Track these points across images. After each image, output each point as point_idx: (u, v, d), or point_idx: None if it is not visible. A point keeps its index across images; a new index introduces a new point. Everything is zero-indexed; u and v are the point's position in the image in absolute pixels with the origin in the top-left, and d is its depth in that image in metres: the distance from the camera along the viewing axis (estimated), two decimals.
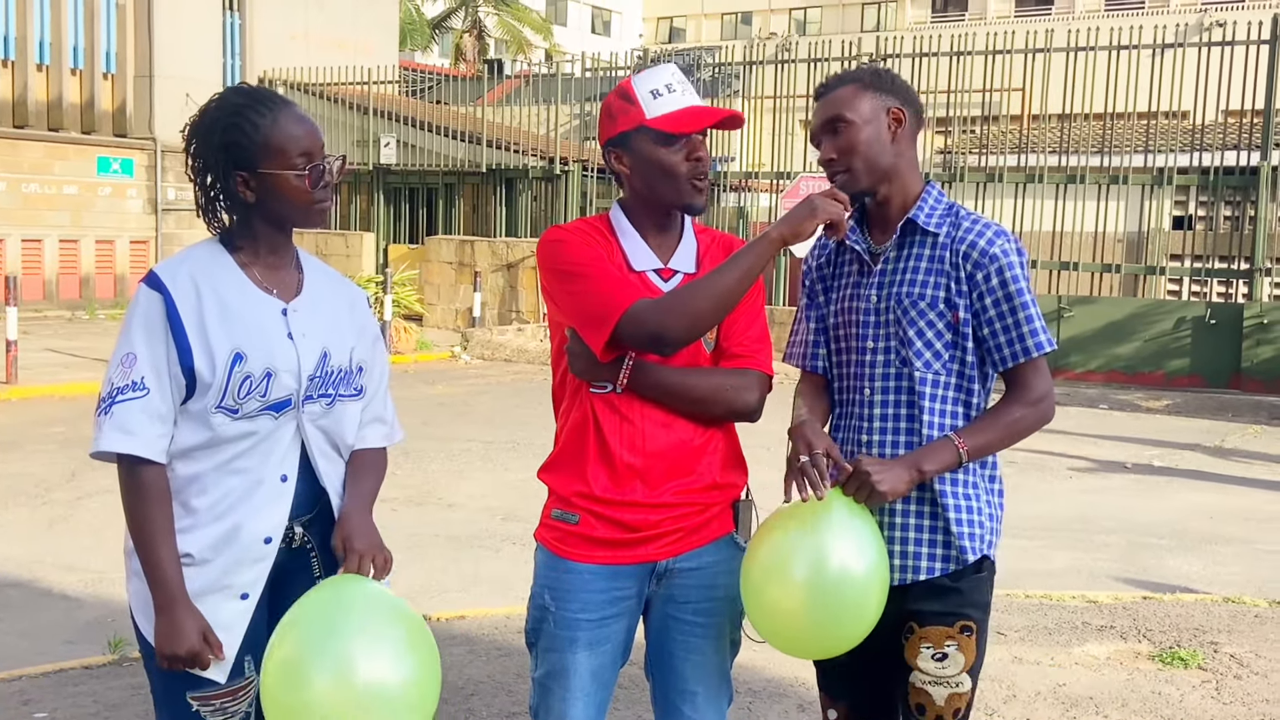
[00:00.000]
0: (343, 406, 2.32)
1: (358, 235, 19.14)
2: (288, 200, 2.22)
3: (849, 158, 2.38)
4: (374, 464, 2.40)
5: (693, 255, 2.48)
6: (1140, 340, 13.82)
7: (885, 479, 2.27)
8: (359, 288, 2.50)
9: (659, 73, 2.42)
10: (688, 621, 2.48)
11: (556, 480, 2.47)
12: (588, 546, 2.42)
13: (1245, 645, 4.79)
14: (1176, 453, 9.65)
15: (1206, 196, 14.52)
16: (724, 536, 2.49)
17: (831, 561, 2.25)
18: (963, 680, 2.36)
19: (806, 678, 4.28)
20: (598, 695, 2.47)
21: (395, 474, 8.04)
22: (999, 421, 2.37)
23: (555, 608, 2.44)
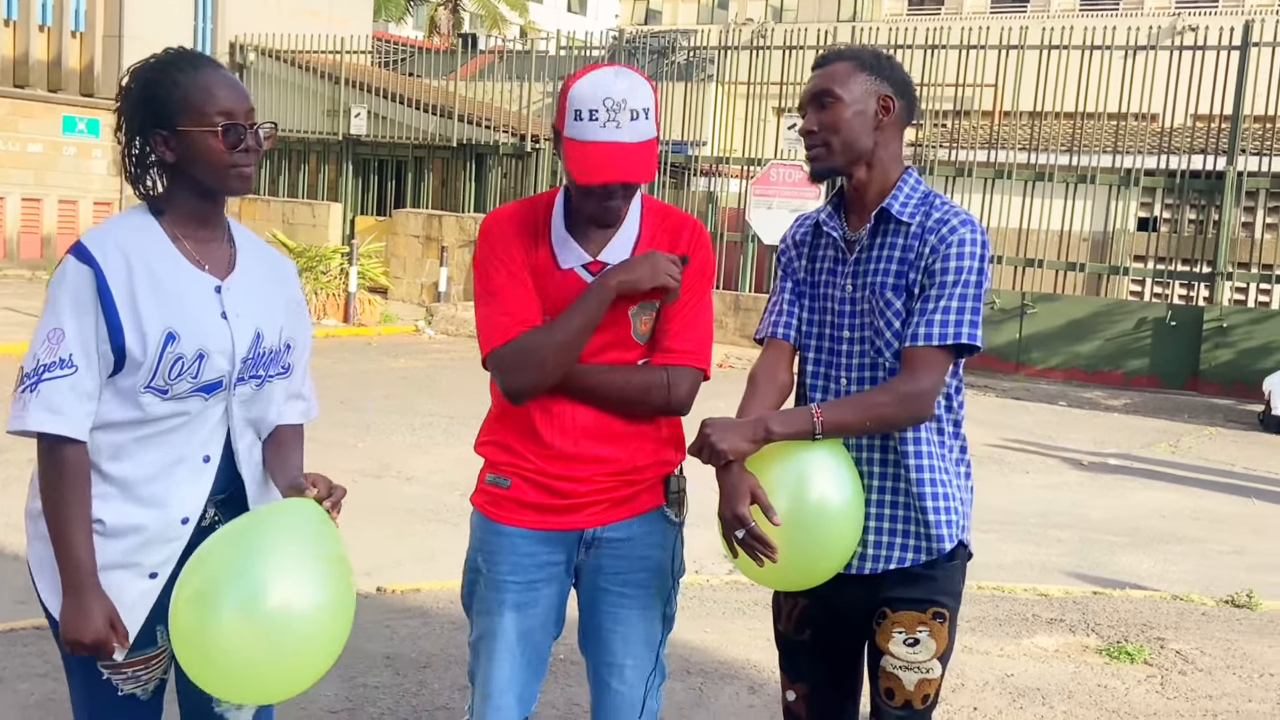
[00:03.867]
0: (270, 387, 2.28)
1: (325, 205, 18.97)
2: (205, 162, 2.12)
3: (829, 134, 2.35)
4: (296, 439, 2.36)
5: (630, 244, 2.42)
6: (1101, 339, 13.96)
7: (726, 438, 2.22)
8: (289, 260, 2.43)
9: (589, 92, 2.25)
10: (616, 593, 2.50)
11: (489, 450, 2.50)
12: (518, 510, 2.45)
13: (1191, 642, 4.87)
14: (1132, 452, 9.76)
15: (1172, 199, 14.67)
16: (654, 509, 2.50)
17: (812, 486, 2.26)
18: (933, 666, 2.37)
19: (759, 660, 4.31)
20: (526, 657, 2.48)
21: (355, 447, 8.03)
22: (864, 402, 2.31)
23: (486, 569, 2.48)
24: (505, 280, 2.39)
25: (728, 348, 14.19)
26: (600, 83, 2.26)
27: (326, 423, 8.56)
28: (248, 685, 2.03)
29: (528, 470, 2.43)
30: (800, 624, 2.51)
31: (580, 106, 2.26)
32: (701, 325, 2.46)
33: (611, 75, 2.28)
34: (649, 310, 2.43)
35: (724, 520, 2.23)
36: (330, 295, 15.17)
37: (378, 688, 4.00)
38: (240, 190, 2.19)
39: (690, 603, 5.05)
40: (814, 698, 2.54)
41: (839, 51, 2.43)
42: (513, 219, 2.44)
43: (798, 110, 2.45)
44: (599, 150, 2.25)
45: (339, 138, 19.35)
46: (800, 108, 2.42)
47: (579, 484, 2.42)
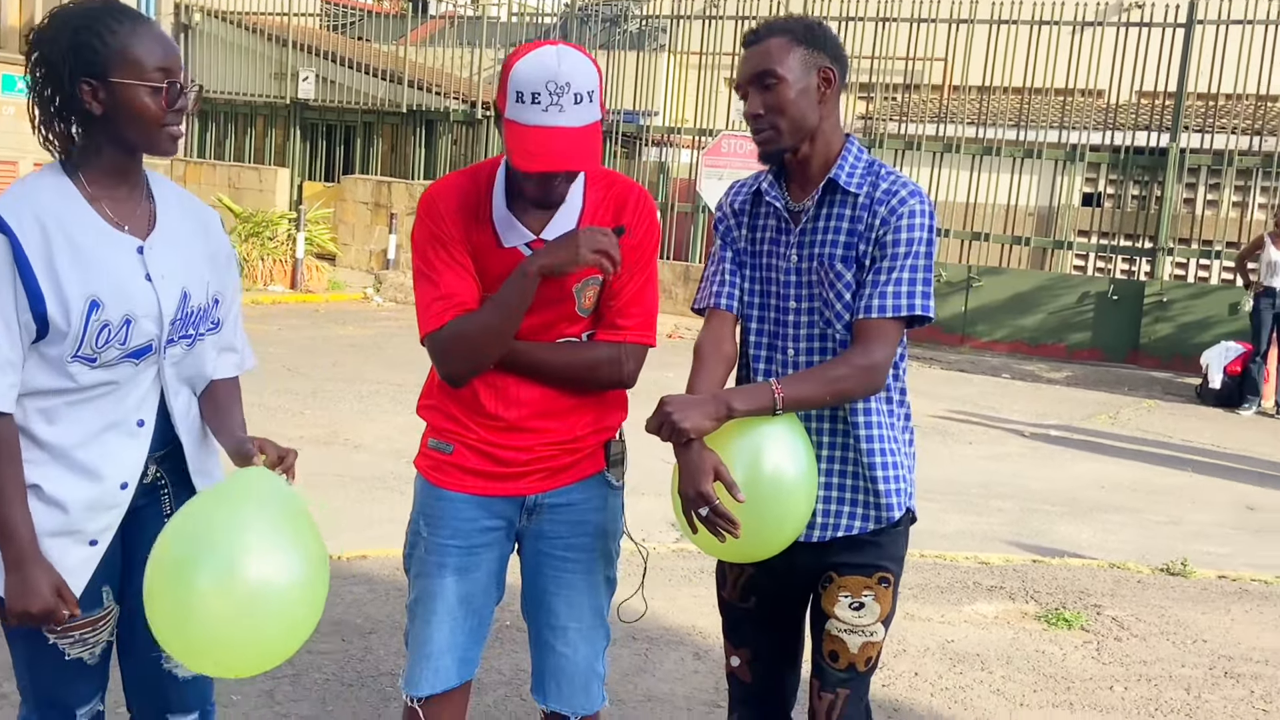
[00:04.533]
0: (202, 345, 2.23)
1: (272, 170, 18.69)
2: (138, 118, 2.05)
3: (776, 116, 2.32)
4: (233, 394, 2.33)
5: (574, 219, 2.38)
6: (1045, 313, 14.14)
7: (688, 416, 2.21)
8: (212, 210, 2.36)
9: (532, 74, 2.18)
10: (558, 557, 2.51)
11: (432, 415, 2.50)
12: (460, 475, 2.45)
13: (1127, 609, 4.98)
14: (1073, 423, 9.93)
15: (1116, 175, 14.86)
16: (595, 475, 2.51)
17: (769, 466, 2.27)
18: (877, 630, 2.41)
19: (703, 627, 4.36)
20: (467, 621, 2.49)
21: (302, 414, 7.98)
22: (822, 376, 2.31)
23: (427, 533, 2.48)
24: (443, 261, 2.36)
25: (677, 318, 14.21)
26: (542, 64, 2.18)
27: (273, 389, 8.52)
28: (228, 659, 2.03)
29: (471, 439, 2.44)
30: (745, 591, 2.54)
31: (522, 89, 2.19)
32: (648, 299, 2.45)
33: (554, 56, 2.18)
34: (593, 284, 2.41)
35: (686, 498, 2.23)
36: (277, 261, 14.99)
37: (323, 654, 4.00)
38: (170, 151, 2.12)
39: (636, 570, 5.06)
40: (757, 663, 2.57)
41: (770, 26, 2.38)
42: (453, 194, 2.40)
43: (736, 91, 2.41)
44: (541, 135, 2.19)
45: (286, 101, 19.06)
46: (738, 88, 2.37)
47: (521, 453, 2.43)
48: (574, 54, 2.22)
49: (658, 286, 2.49)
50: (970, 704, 3.94)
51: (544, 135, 2.19)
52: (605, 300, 2.42)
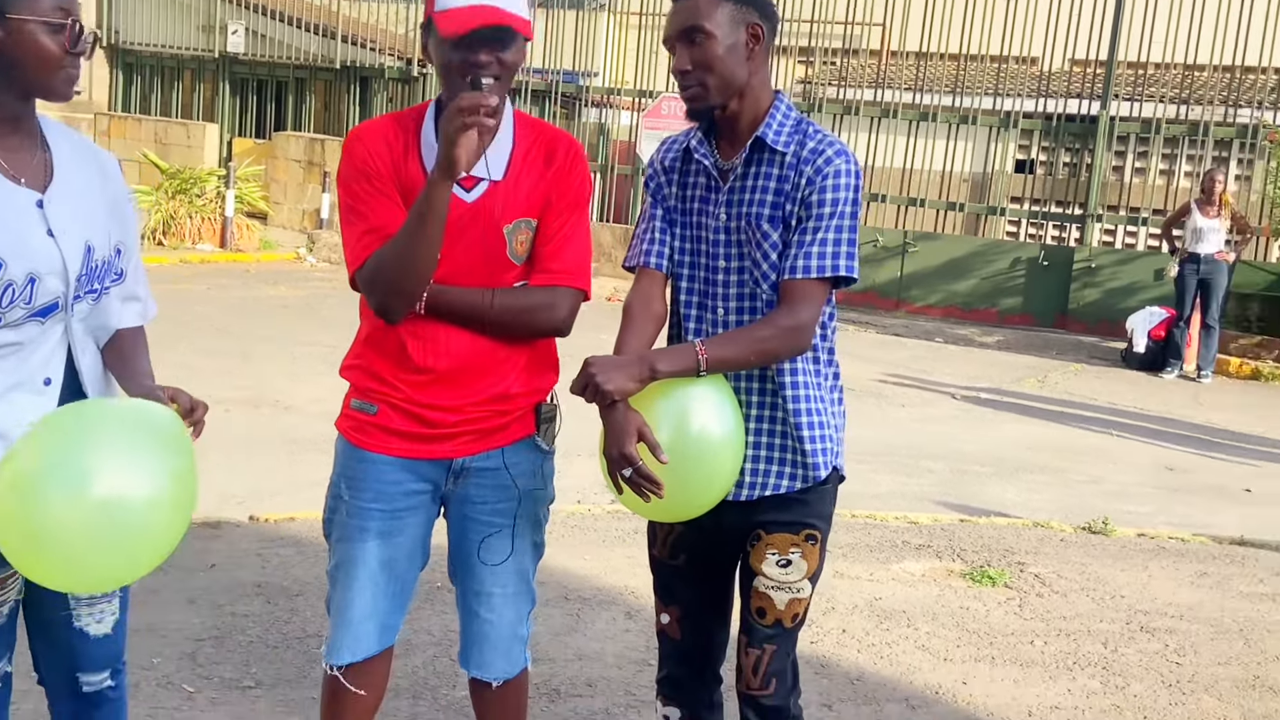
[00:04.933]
0: (108, 297, 2.17)
1: (200, 126, 18.29)
2: (35, 58, 1.98)
3: (704, 72, 2.29)
4: (139, 343, 2.27)
5: (505, 157, 2.34)
6: (978, 278, 14.32)
7: (612, 378, 2.20)
8: (109, 154, 2.27)
9: None
10: (484, 522, 2.46)
11: (356, 375, 2.44)
12: (384, 437, 2.40)
13: (1049, 566, 5.08)
14: (1002, 387, 10.08)
15: (1048, 142, 15.05)
16: (525, 439, 2.46)
17: (695, 420, 2.27)
18: (804, 586, 2.43)
19: (635, 586, 4.38)
20: (389, 587, 2.45)
21: (231, 375, 7.86)
22: (747, 337, 2.30)
23: (349, 497, 2.43)
24: (369, 195, 2.31)
25: (616, 281, 14.17)
26: None
27: (200, 350, 8.38)
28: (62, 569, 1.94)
29: (396, 398, 2.37)
30: (675, 549, 2.55)
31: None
32: (579, 244, 2.41)
33: None
34: (525, 227, 2.36)
35: (610, 459, 2.22)
36: (205, 219, 14.71)
37: (247, 615, 3.96)
38: (66, 95, 2.04)
39: (571, 531, 5.09)
40: (687, 620, 2.58)
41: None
42: (378, 133, 2.35)
43: (664, 45, 2.38)
44: (468, 8, 2.17)
45: (215, 55, 18.65)
46: (667, 43, 2.35)
47: (449, 413, 2.37)
48: None
49: (590, 237, 2.45)
50: (895, 659, 4.00)
51: (470, 8, 2.17)
52: (538, 246, 2.38)
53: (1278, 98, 14.06)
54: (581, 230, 2.42)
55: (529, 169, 2.36)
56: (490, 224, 2.32)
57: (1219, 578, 5.12)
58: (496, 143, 2.32)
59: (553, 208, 2.37)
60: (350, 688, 2.47)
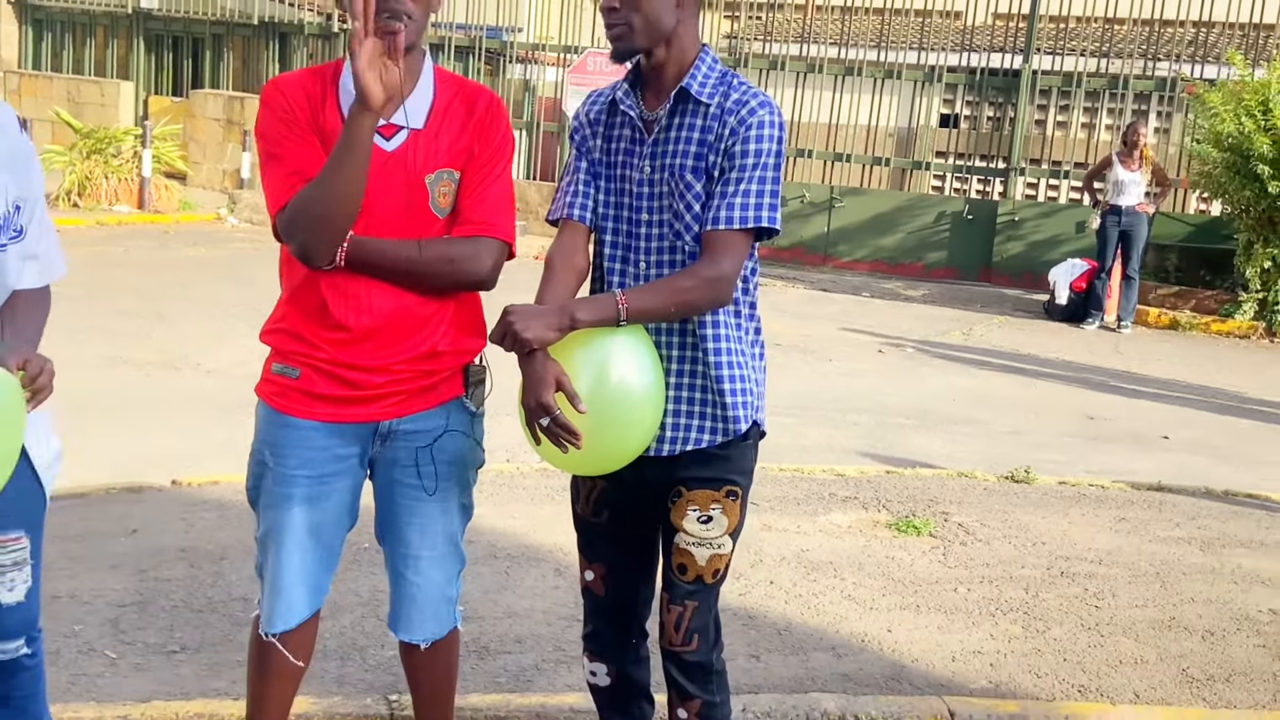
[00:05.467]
0: (4, 255, 2.10)
1: (114, 84, 17.78)
2: None
3: (630, 13, 2.27)
4: (34, 304, 2.19)
5: (425, 107, 2.32)
6: (904, 232, 14.45)
7: (530, 326, 2.19)
8: (5, 105, 2.18)
9: None
10: (411, 485, 2.44)
11: (277, 338, 2.40)
12: (308, 402, 2.36)
13: (973, 515, 5.17)
14: (928, 339, 10.21)
15: (972, 96, 15.17)
16: (453, 400, 2.45)
17: (614, 370, 2.26)
18: (724, 542, 2.43)
19: (564, 543, 4.38)
20: (317, 551, 2.43)
21: (149, 337, 7.70)
22: (668, 287, 2.29)
23: (274, 464, 2.39)
24: (287, 138, 2.27)
25: (544, 240, 14.09)
26: None
27: (116, 311, 8.20)
28: None
29: (319, 360, 2.33)
30: (598, 506, 2.54)
31: None
32: (502, 196, 2.38)
33: None
34: (448, 178, 2.33)
35: (528, 409, 2.21)
36: (122, 180, 14.32)
37: (170, 580, 3.90)
38: None
39: (500, 490, 5.07)
40: (611, 577, 2.58)
41: None
42: (296, 83, 2.32)
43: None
44: None
45: (128, 11, 18.11)
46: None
47: (374, 375, 2.34)
48: None
49: (513, 191, 2.43)
50: (822, 610, 4.05)
51: None
52: (461, 199, 2.35)
53: (1195, 51, 14.30)
54: (504, 183, 2.40)
55: (450, 120, 2.33)
56: (412, 173, 2.29)
57: (1137, 523, 5.25)
58: (416, 92, 2.30)
59: (475, 159, 2.34)
60: (287, 655, 2.45)
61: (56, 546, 3.20)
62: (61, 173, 13.90)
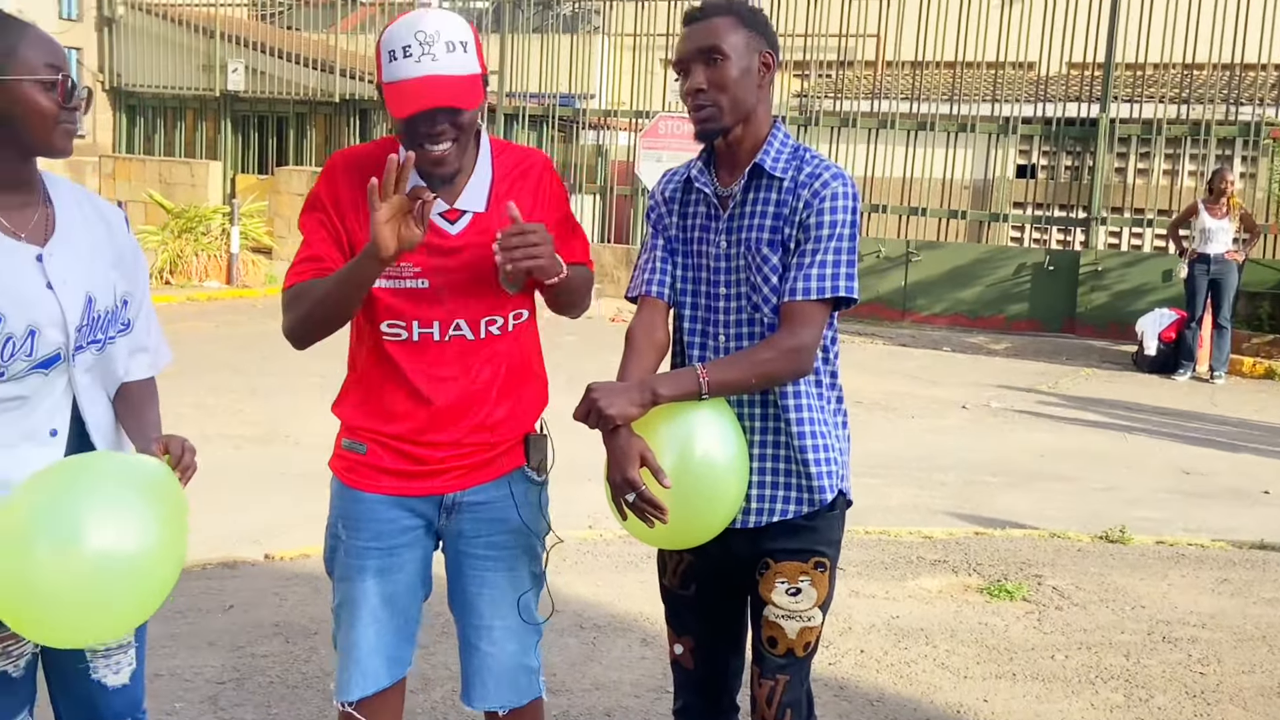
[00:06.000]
0: (113, 347, 2.20)
1: (203, 164, 18.40)
2: (31, 115, 2.02)
3: (719, 93, 2.32)
4: (148, 395, 2.30)
5: (484, 190, 2.38)
6: (983, 285, 14.30)
7: (614, 403, 2.21)
8: (115, 207, 2.30)
9: (400, 31, 2.21)
10: (479, 555, 2.48)
11: (346, 413, 2.48)
12: (375, 475, 2.43)
13: (1067, 578, 5.05)
14: (1013, 394, 10.05)
15: (1049, 146, 15.04)
16: (514, 470, 2.49)
17: (698, 445, 2.27)
18: (814, 615, 2.41)
19: (650, 613, 4.36)
20: (393, 622, 2.47)
21: (241, 411, 7.87)
22: (749, 359, 2.31)
23: (346, 537, 2.45)
24: (318, 225, 2.36)
25: (620, 302, 14.19)
26: (410, 20, 2.22)
27: (210, 388, 8.39)
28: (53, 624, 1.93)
29: (385, 436, 2.41)
30: (685, 579, 2.54)
31: (393, 46, 2.21)
32: (580, 231, 2.57)
33: (422, 11, 2.25)
34: None
35: (613, 484, 2.23)
36: (212, 257, 14.76)
37: (266, 656, 3.95)
38: (66, 150, 2.07)
39: (584, 558, 5.08)
40: (700, 650, 2.57)
41: (714, 4, 2.38)
42: (357, 162, 2.37)
43: (674, 66, 2.40)
44: (414, 83, 2.19)
45: (216, 94, 18.76)
46: (680, 63, 2.37)
47: (437, 450, 2.40)
48: (444, 11, 2.27)
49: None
50: (915, 679, 3.98)
51: (418, 83, 2.19)
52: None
53: (1279, 94, 14.04)
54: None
55: (512, 196, 2.39)
56: (477, 255, 2.35)
57: (1240, 584, 5.09)
58: (476, 175, 2.37)
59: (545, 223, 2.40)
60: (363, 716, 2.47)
61: (157, 624, 3.26)
62: (154, 252, 14.35)
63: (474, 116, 2.29)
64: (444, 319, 2.36)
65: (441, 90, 2.20)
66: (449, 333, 2.37)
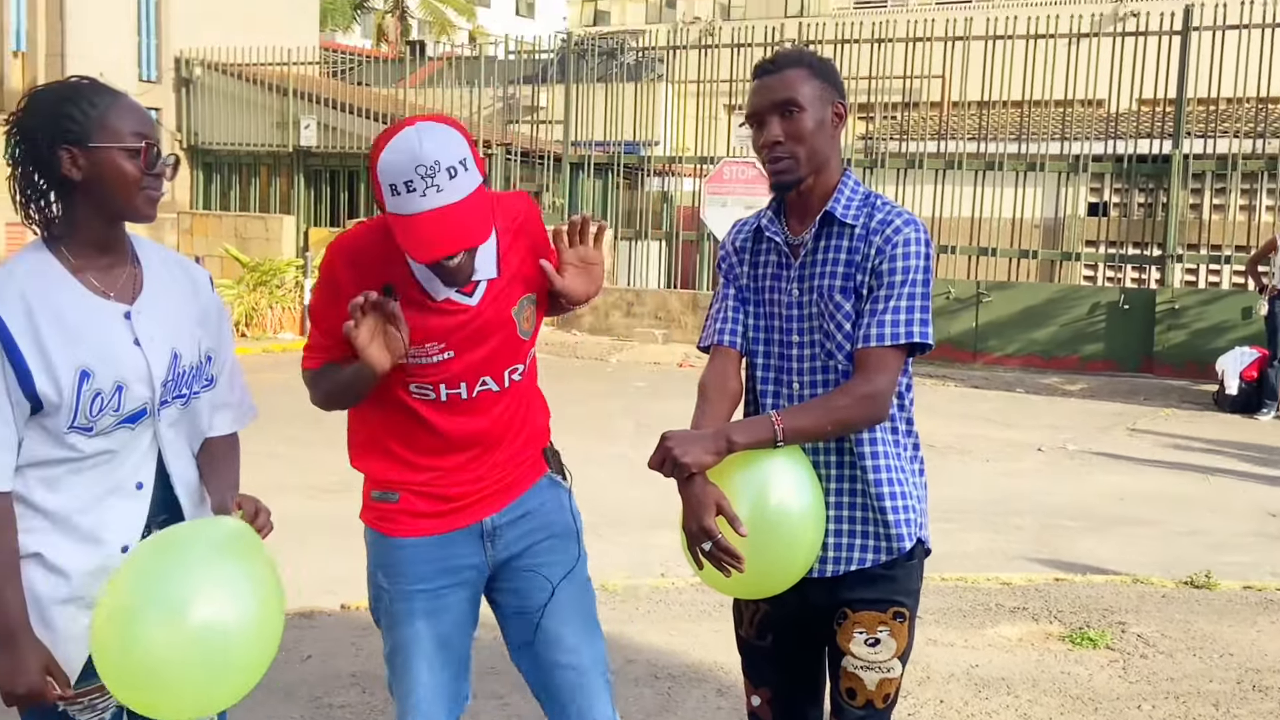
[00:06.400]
0: (197, 402, 2.26)
1: (278, 219, 18.80)
2: (116, 181, 2.08)
3: (796, 144, 2.34)
4: (229, 450, 2.35)
5: (493, 256, 2.44)
6: (1056, 325, 14.09)
7: (689, 451, 2.22)
8: (200, 267, 2.39)
9: (399, 164, 2.19)
10: (532, 566, 2.55)
11: (370, 466, 2.53)
12: (411, 520, 2.48)
13: (1152, 625, 4.93)
14: (1089, 436, 9.87)
15: (1121, 184, 14.84)
16: (542, 479, 2.58)
17: (774, 494, 2.27)
18: (894, 665, 2.39)
19: (725, 663, 4.32)
20: (447, 663, 2.50)
21: (316, 461, 7.96)
22: (823, 406, 2.31)
23: (389, 584, 2.50)
24: (324, 304, 2.46)
25: (686, 347, 14.20)
26: (405, 150, 2.19)
27: (285, 438, 8.51)
28: (173, 700, 1.99)
29: (414, 484, 2.47)
30: (761, 629, 2.52)
31: (394, 180, 2.20)
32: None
33: (415, 138, 2.20)
34: (528, 304, 2.50)
35: (689, 533, 2.24)
36: (286, 309, 15.05)
37: (344, 706, 3.98)
38: (149, 215, 2.13)
39: (656, 606, 5.05)
40: (778, 701, 2.55)
41: (787, 56, 2.40)
42: (357, 256, 2.42)
43: (748, 119, 2.42)
44: (427, 221, 2.20)
45: (289, 150, 19.19)
46: (755, 116, 2.38)
47: (465, 485, 2.47)
48: (434, 128, 2.22)
49: None
50: None
51: (430, 220, 2.20)
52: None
53: None
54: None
55: (515, 250, 2.48)
56: (497, 316, 2.44)
57: None
58: (484, 246, 2.39)
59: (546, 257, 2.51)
60: None
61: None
62: (231, 305, 14.66)
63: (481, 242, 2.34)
64: (470, 380, 2.45)
65: (455, 228, 2.22)
66: (476, 389, 2.45)
